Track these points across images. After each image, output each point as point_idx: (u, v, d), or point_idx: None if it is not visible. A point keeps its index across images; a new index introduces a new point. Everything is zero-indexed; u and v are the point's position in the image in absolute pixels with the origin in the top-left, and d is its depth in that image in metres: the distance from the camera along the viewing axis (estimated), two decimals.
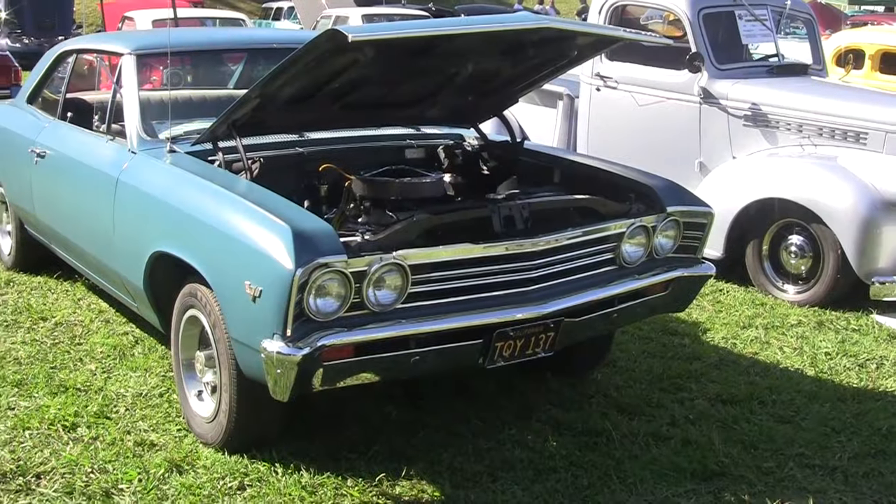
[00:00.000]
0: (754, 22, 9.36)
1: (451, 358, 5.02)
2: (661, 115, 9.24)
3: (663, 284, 5.79)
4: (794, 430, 5.97)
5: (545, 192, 5.87)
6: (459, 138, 6.69)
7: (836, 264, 8.10)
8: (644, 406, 6.16)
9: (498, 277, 5.09)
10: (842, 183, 8.10)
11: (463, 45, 5.45)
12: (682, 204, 5.83)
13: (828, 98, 8.94)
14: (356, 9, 28.64)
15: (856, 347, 7.39)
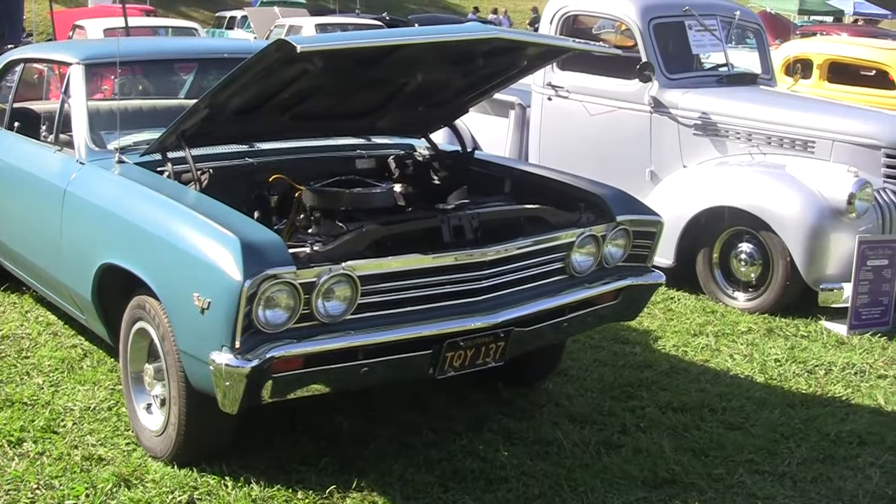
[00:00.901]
0: (704, 32, 9.42)
1: (401, 369, 5.02)
2: (613, 125, 9.28)
3: (613, 293, 5.81)
4: (744, 436, 6.00)
5: (495, 201, 5.88)
6: (410, 148, 6.69)
7: (786, 271, 8.16)
8: (595, 415, 6.17)
9: (448, 287, 5.09)
10: (790, 191, 8.16)
11: (413, 55, 5.45)
12: (632, 213, 5.86)
13: (776, 107, 9.02)
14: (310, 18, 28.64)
15: (805, 354, 7.45)
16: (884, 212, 8.33)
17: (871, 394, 6.79)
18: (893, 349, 7.67)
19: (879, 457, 5.83)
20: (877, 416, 6.44)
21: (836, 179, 8.13)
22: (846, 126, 8.68)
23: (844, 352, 7.56)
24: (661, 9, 9.38)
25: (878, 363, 7.36)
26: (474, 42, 5.38)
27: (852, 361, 7.34)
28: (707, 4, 9.91)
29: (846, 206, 7.99)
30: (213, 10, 40.52)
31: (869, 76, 13.14)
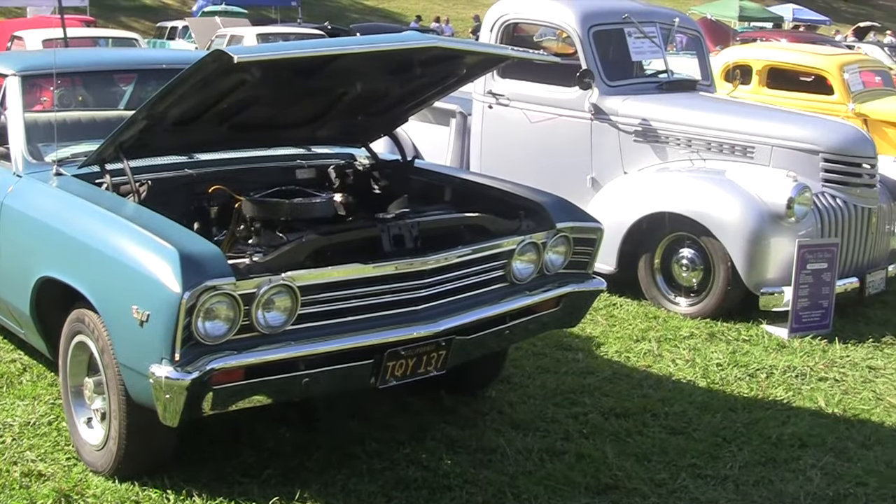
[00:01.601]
0: (643, 39, 9.46)
1: (342, 379, 5.01)
2: (553, 132, 9.30)
3: (554, 300, 5.83)
4: (687, 441, 6.04)
5: (435, 210, 5.88)
6: (350, 158, 6.68)
7: (727, 276, 8.22)
8: (538, 422, 6.19)
9: (388, 297, 5.09)
10: (730, 196, 8.23)
11: (351, 65, 5.44)
12: (572, 220, 5.89)
13: (716, 113, 9.09)
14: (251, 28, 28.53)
15: (746, 358, 7.51)
16: (823, 216, 8.41)
17: (812, 396, 6.85)
18: (833, 352, 7.75)
19: (820, 458, 5.89)
20: (817, 419, 6.50)
21: (775, 184, 8.20)
22: (785, 131, 8.76)
23: (785, 355, 7.63)
24: (600, 16, 9.42)
25: (818, 366, 7.43)
26: (412, 51, 5.39)
27: (793, 364, 7.41)
28: (646, 11, 9.97)
29: (785, 210, 8.06)
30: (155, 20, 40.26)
31: (808, 82, 13.28)
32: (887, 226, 9.22)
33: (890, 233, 9.34)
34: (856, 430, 6.37)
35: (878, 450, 6.08)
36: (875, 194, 8.91)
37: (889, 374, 7.36)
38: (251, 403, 4.80)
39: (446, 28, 42.28)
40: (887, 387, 7.12)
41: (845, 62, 13.20)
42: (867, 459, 5.94)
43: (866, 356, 7.71)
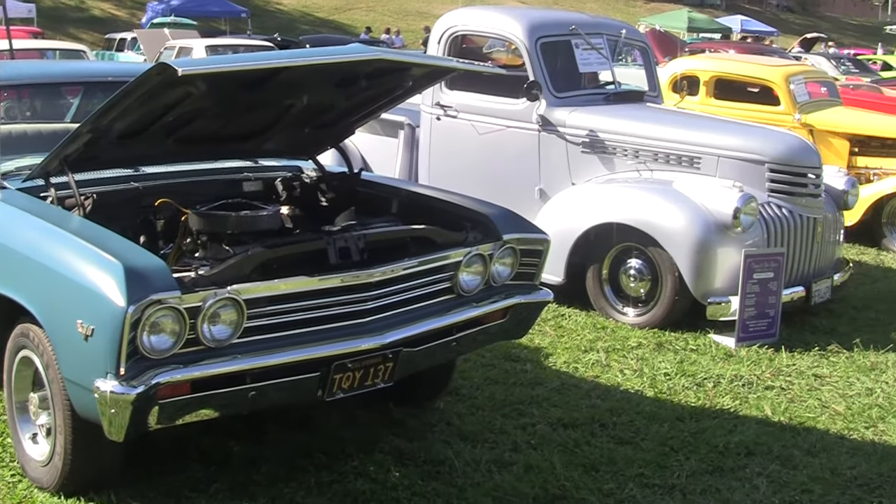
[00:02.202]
0: (591, 51, 9.51)
1: (289, 391, 5.00)
2: (501, 144, 9.31)
3: (502, 312, 5.84)
4: (635, 450, 6.07)
5: (382, 222, 5.88)
6: (298, 170, 6.66)
7: (674, 286, 8.27)
8: (487, 433, 6.20)
9: (335, 309, 5.09)
10: (677, 207, 8.28)
11: (297, 77, 5.44)
12: (518, 231, 5.90)
13: (663, 124, 9.15)
14: (200, 40, 28.39)
15: (694, 367, 7.55)
16: (769, 225, 8.48)
17: (759, 405, 6.90)
18: (780, 360, 7.81)
19: (766, 467, 5.94)
20: (764, 427, 6.55)
21: (721, 195, 8.27)
22: (731, 142, 8.84)
23: (732, 364, 7.68)
24: (547, 28, 9.45)
25: (765, 375, 7.49)
26: (357, 63, 5.39)
27: (740, 373, 7.46)
28: (594, 23, 10.02)
29: (732, 220, 8.13)
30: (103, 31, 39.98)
31: (754, 92, 13.36)
32: (832, 235, 9.32)
33: (835, 242, 9.44)
34: (801, 437, 6.42)
35: (823, 457, 6.13)
36: (820, 204, 9.01)
37: (834, 382, 7.43)
38: (198, 417, 4.78)
39: (396, 39, 42.29)
40: (832, 394, 7.19)
41: (791, 73, 13.29)
42: (812, 467, 5.99)
43: (812, 364, 7.78)
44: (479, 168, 9.35)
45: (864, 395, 7.21)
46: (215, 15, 43.75)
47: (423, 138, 9.79)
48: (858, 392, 7.27)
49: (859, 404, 7.03)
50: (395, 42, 41.11)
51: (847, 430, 6.60)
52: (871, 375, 7.61)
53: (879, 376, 7.60)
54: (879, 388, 7.34)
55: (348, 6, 56.01)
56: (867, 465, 6.05)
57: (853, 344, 8.26)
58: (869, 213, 12.16)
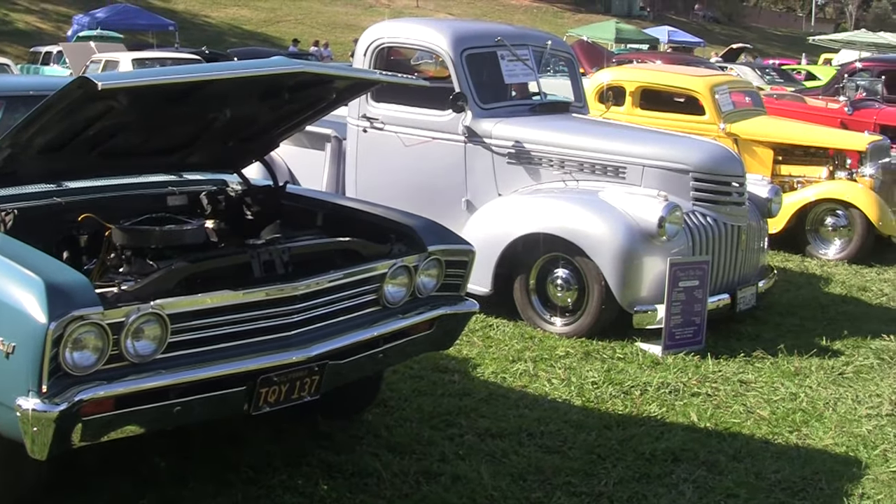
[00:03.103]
0: (516, 62, 9.55)
1: (215, 406, 4.97)
2: (428, 155, 9.33)
3: (428, 323, 5.85)
4: (562, 459, 6.10)
5: (307, 235, 5.87)
6: (222, 184, 6.63)
7: (601, 295, 8.32)
8: (414, 444, 6.20)
9: (260, 323, 5.07)
10: (602, 216, 8.34)
11: (219, 90, 5.41)
12: (443, 243, 5.93)
13: (588, 135, 9.20)
14: (127, 53, 28.21)
15: (621, 375, 7.60)
16: (693, 234, 8.56)
17: (685, 412, 6.96)
18: (706, 367, 7.88)
19: (693, 472, 6.00)
20: (690, 433, 6.61)
21: (646, 204, 8.34)
22: (656, 151, 8.92)
23: (659, 372, 7.74)
24: (473, 39, 9.48)
25: (691, 381, 7.55)
26: (280, 76, 5.38)
27: (667, 381, 7.52)
28: (519, 35, 10.07)
29: (657, 229, 8.20)
30: (28, 44, 39.54)
31: (680, 102, 13.47)
32: (757, 243, 9.43)
33: (760, 249, 9.56)
34: (727, 443, 6.49)
35: (748, 462, 6.21)
36: (744, 212, 9.12)
37: (759, 388, 7.51)
38: (123, 434, 4.73)
39: (325, 52, 42.20)
40: (757, 400, 7.27)
41: (716, 83, 13.41)
42: (738, 472, 6.06)
43: (737, 370, 7.86)
44: (406, 180, 9.35)
45: (789, 400, 7.30)
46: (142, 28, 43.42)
47: (349, 151, 9.76)
48: (783, 397, 7.36)
49: (783, 409, 7.12)
50: (323, 54, 41.01)
51: (771, 435, 6.68)
52: (795, 380, 7.71)
53: (803, 381, 7.70)
54: (803, 393, 7.44)
55: (276, 19, 55.89)
56: (791, 469, 6.13)
57: (778, 350, 8.36)
58: (793, 221, 12.32)
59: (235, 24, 53.98)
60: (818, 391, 7.51)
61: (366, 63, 9.64)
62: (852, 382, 7.77)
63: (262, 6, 57.44)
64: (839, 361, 8.24)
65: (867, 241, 12.17)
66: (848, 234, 12.27)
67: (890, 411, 7.18)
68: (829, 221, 12.42)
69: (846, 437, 6.72)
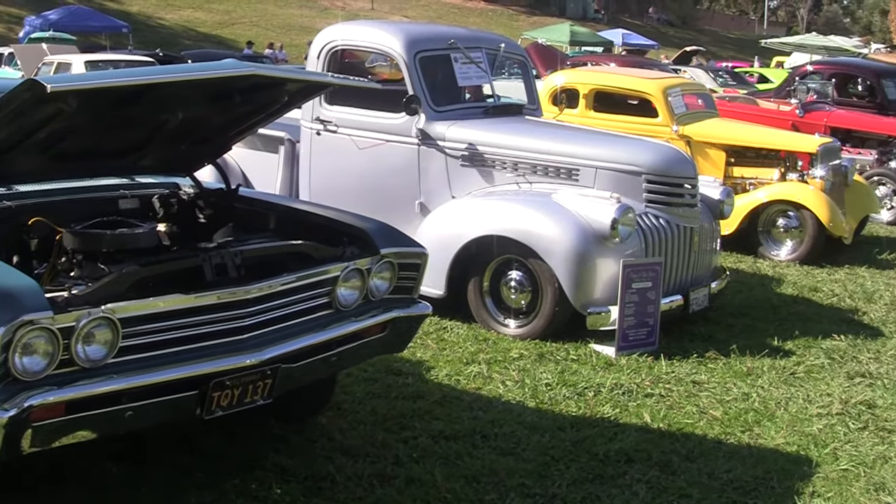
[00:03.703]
0: (470, 64, 9.55)
1: (167, 410, 4.95)
2: (382, 158, 9.31)
3: (381, 326, 5.86)
4: (516, 461, 6.11)
5: (259, 238, 5.87)
6: (175, 187, 6.59)
7: (554, 297, 8.34)
8: (368, 447, 6.19)
9: (212, 326, 5.06)
10: (555, 219, 8.36)
11: (171, 93, 5.39)
12: (396, 245, 5.93)
13: (541, 137, 9.23)
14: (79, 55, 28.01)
15: (575, 377, 7.62)
16: (646, 235, 8.60)
17: (639, 412, 6.99)
18: (659, 368, 7.92)
19: (646, 473, 6.03)
20: (644, 434, 6.65)
21: (599, 206, 8.37)
22: (608, 153, 8.95)
23: (613, 373, 7.77)
24: (426, 42, 9.48)
25: (644, 382, 7.58)
26: (231, 79, 5.36)
27: (620, 382, 7.55)
28: (472, 37, 10.08)
29: (610, 231, 8.23)
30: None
31: (633, 105, 13.53)
32: (709, 244, 9.48)
33: (712, 251, 9.61)
34: (680, 443, 6.53)
35: (700, 462, 6.24)
36: (697, 214, 9.16)
37: (712, 388, 7.55)
38: (75, 439, 4.71)
39: (280, 54, 42.12)
40: (710, 400, 7.31)
41: (668, 86, 13.47)
42: (690, 472, 6.09)
43: (690, 371, 7.90)
44: (359, 183, 9.33)
45: (741, 400, 7.35)
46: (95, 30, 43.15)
47: (303, 153, 9.72)
48: (735, 397, 7.40)
49: (736, 409, 7.17)
50: (278, 57, 40.94)
51: (724, 435, 6.72)
52: (748, 380, 7.76)
53: (755, 381, 7.76)
54: (755, 393, 7.49)
55: (231, 21, 55.72)
56: (743, 469, 6.17)
57: (730, 350, 8.41)
58: (745, 222, 12.41)
59: (190, 26, 53.78)
60: (770, 391, 7.56)
61: (319, 65, 9.61)
62: (803, 382, 7.84)
63: (216, 8, 57.26)
64: (791, 361, 8.31)
65: (818, 242, 12.27)
66: (799, 236, 12.37)
67: (840, 410, 7.25)
68: (780, 223, 12.52)
69: (797, 436, 6.77)
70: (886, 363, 8.43)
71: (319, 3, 62.13)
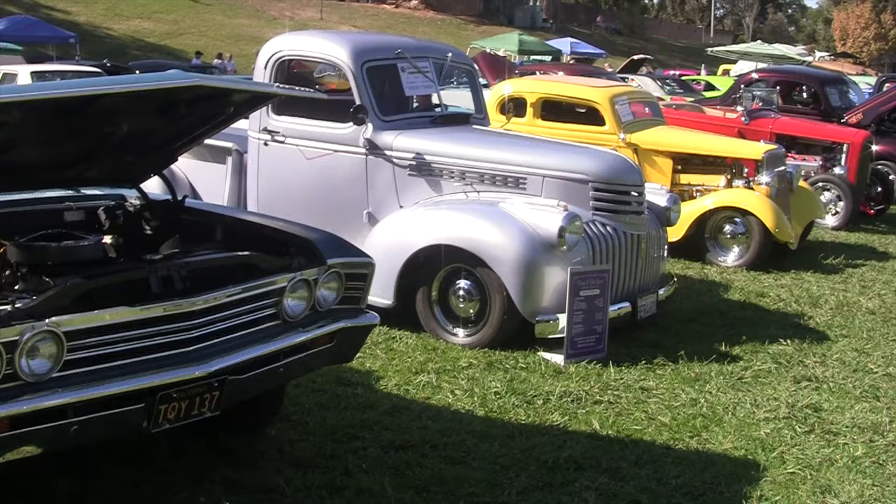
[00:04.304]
0: (417, 74, 9.56)
1: (114, 424, 4.91)
2: (329, 168, 9.28)
3: (328, 336, 5.84)
4: (466, 470, 6.11)
5: (206, 250, 5.83)
6: (121, 199, 6.56)
7: (503, 306, 8.35)
8: (318, 458, 6.17)
9: (159, 339, 5.02)
10: (503, 227, 8.38)
11: (116, 104, 5.36)
12: (343, 256, 5.93)
13: (488, 146, 9.25)
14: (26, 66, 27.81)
15: (524, 385, 7.63)
16: (594, 243, 8.64)
17: (588, 420, 7.02)
18: (608, 375, 7.95)
19: (595, 479, 6.05)
20: (593, 441, 6.67)
21: (546, 214, 8.40)
22: (555, 162, 8.98)
23: (562, 381, 7.78)
24: (373, 52, 9.47)
25: (593, 390, 7.61)
26: (176, 90, 5.34)
27: (569, 389, 7.56)
28: (419, 47, 10.08)
29: (557, 239, 8.25)
30: None
31: (581, 113, 13.58)
32: (657, 251, 9.53)
33: (660, 258, 9.67)
34: (629, 450, 6.56)
35: (649, 468, 6.27)
36: (644, 221, 9.21)
37: (660, 394, 7.60)
38: (20, 454, 4.66)
39: (229, 64, 41.97)
40: (658, 406, 7.35)
41: (615, 94, 13.53)
42: (639, 478, 6.12)
43: (639, 378, 7.94)
44: (307, 193, 9.31)
45: (689, 406, 7.39)
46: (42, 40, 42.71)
47: (250, 164, 9.68)
48: (683, 403, 7.45)
49: (684, 415, 7.21)
50: (227, 67, 40.80)
51: (672, 441, 6.76)
52: (696, 386, 7.82)
53: (703, 386, 7.81)
54: (703, 399, 7.54)
55: (180, 31, 55.43)
56: (692, 474, 6.21)
57: (678, 356, 8.46)
58: (692, 229, 12.49)
59: (138, 36, 53.45)
60: (718, 396, 7.62)
61: (266, 76, 9.57)
62: (751, 387, 7.90)
63: (165, 18, 56.95)
64: (738, 366, 8.37)
65: (765, 248, 12.39)
66: (746, 242, 12.47)
67: (787, 414, 7.31)
68: (727, 229, 12.61)
69: (745, 440, 6.83)
70: (832, 367, 8.51)
71: (268, 13, 61.98)
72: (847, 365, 8.63)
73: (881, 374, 8.40)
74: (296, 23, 54.86)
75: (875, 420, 7.30)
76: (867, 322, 10.17)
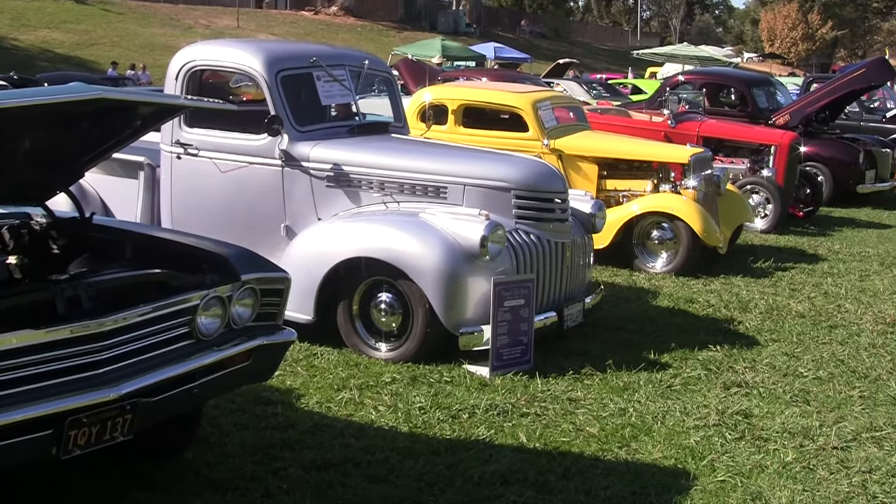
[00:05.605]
0: (333, 82, 9.39)
1: (21, 452, 4.72)
2: (245, 181, 9.09)
3: (245, 354, 5.69)
4: (389, 488, 6.00)
5: (115, 268, 5.65)
6: (25, 217, 6.33)
7: (425, 318, 8.22)
8: (237, 480, 6.02)
9: (66, 362, 4.85)
10: (424, 238, 8.25)
11: (16, 118, 5.14)
12: (257, 271, 5.77)
13: (407, 155, 9.11)
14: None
15: (449, 399, 7.51)
16: (517, 252, 8.53)
17: (514, 433, 6.91)
18: (535, 387, 7.85)
19: (522, 493, 5.97)
20: (519, 454, 6.57)
21: (468, 224, 8.28)
22: (476, 170, 8.87)
23: (488, 393, 7.67)
24: (287, 61, 9.29)
25: (520, 402, 7.50)
26: (78, 103, 5.13)
27: (495, 402, 7.45)
28: (335, 55, 9.90)
29: (479, 249, 8.13)
30: None
31: (504, 119, 13.49)
32: (582, 259, 9.45)
33: (585, 265, 9.59)
34: (557, 462, 6.47)
35: (577, 480, 6.19)
36: (568, 228, 9.12)
37: (588, 405, 7.50)
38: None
39: (143, 75, 41.45)
40: (587, 417, 7.25)
41: (538, 99, 13.44)
42: (567, 491, 6.04)
43: (567, 388, 7.85)
44: (223, 207, 9.12)
45: (618, 416, 7.31)
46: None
47: (163, 178, 9.42)
48: (612, 413, 7.37)
49: (613, 425, 7.13)
50: (141, 78, 40.31)
51: (601, 452, 6.68)
52: (625, 395, 7.74)
53: (632, 396, 7.73)
54: (632, 408, 7.46)
55: (91, 41, 54.62)
56: (621, 485, 6.15)
57: (606, 365, 8.38)
58: (619, 235, 12.42)
59: (47, 47, 52.54)
60: (647, 405, 7.54)
61: (177, 87, 9.33)
62: (680, 395, 7.84)
63: (74, 28, 56.09)
64: (667, 374, 8.31)
65: (693, 253, 12.34)
66: (674, 247, 12.42)
67: (717, 421, 7.25)
68: (655, 234, 12.55)
69: (675, 449, 6.76)
70: (762, 372, 8.48)
71: (183, 22, 61.38)
72: (777, 369, 8.59)
73: (811, 378, 8.37)
74: (212, 31, 54.56)
75: (805, 425, 7.25)
76: (797, 326, 10.15)
